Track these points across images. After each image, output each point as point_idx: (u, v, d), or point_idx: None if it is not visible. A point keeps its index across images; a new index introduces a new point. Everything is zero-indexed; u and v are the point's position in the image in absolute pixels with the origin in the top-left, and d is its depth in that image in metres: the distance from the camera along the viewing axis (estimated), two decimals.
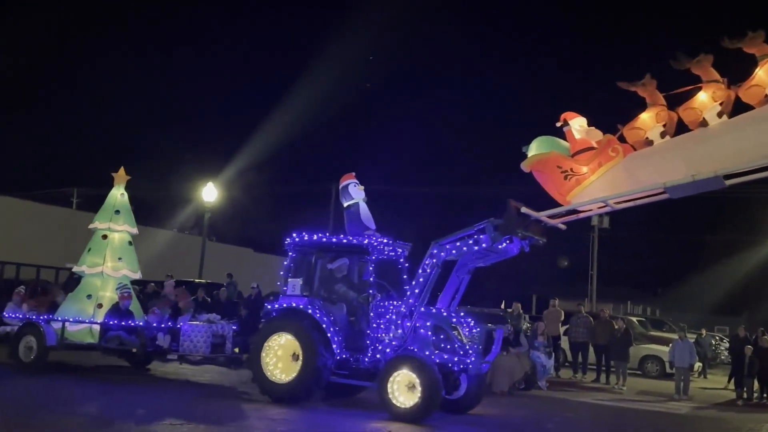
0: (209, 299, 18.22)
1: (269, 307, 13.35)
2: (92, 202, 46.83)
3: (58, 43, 62.81)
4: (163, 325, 14.62)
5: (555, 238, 13.01)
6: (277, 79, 76.96)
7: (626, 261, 54.86)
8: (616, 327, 20.10)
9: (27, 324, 14.89)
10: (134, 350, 14.14)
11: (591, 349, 20.87)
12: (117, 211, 15.89)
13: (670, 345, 20.06)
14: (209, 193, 29.08)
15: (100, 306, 15.22)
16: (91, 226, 15.98)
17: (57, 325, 14.81)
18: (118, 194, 16.15)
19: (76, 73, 65.04)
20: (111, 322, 14.43)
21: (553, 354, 19.03)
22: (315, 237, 13.27)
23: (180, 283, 17.51)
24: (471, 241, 12.11)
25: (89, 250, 15.74)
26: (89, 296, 15.33)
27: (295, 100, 40.83)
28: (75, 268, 15.86)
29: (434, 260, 12.32)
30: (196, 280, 19.38)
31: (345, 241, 13.08)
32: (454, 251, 12.25)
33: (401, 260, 13.58)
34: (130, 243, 16.09)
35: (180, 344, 14.27)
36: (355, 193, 13.66)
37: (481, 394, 12.84)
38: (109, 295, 15.44)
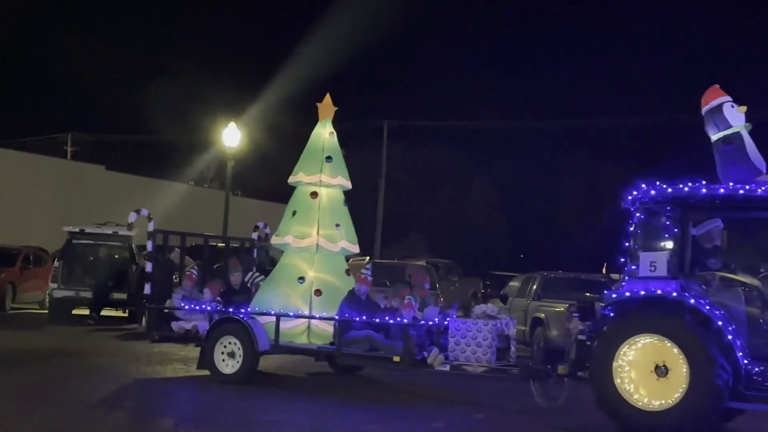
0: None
1: (613, 296, 9.56)
2: (90, 151, 43.10)
3: None
4: (431, 323, 10.89)
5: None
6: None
7: None
8: None
9: (224, 320, 11.29)
10: (396, 359, 10.41)
11: None
12: (328, 158, 12.10)
13: None
14: (232, 137, 24.39)
15: (318, 293, 11.55)
16: (292, 180, 12.22)
17: (265, 321, 11.21)
18: (326, 133, 12.31)
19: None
20: (357, 318, 10.73)
21: None
22: (685, 188, 9.34)
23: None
24: None
25: (294, 213, 12.01)
26: (301, 279, 11.65)
27: (338, 21, 36.35)
28: (274, 240, 12.17)
29: None
30: (219, 245, 15.80)
31: (743, 192, 9.11)
32: None
33: None
34: (345, 203, 12.35)
35: (450, 349, 10.55)
36: (733, 118, 9.67)
37: None
38: (323, 278, 11.78)
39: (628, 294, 9.37)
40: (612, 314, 9.43)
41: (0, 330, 16.69)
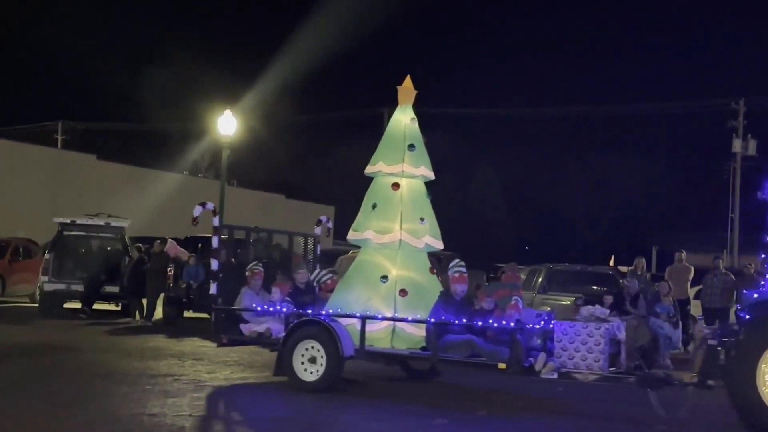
0: (232, 260, 13.60)
1: (754, 297, 8.84)
2: (81, 140, 41.98)
3: None
4: (536, 326, 10.09)
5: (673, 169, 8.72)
6: None
7: None
8: None
9: (304, 323, 10.46)
10: (501, 366, 9.60)
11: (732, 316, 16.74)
12: (411, 146, 11.28)
13: None
14: (227, 125, 23.86)
15: (403, 293, 10.73)
16: (370, 170, 11.38)
17: (348, 323, 10.40)
18: (407, 119, 11.49)
19: None
20: (456, 321, 9.91)
21: (681, 323, 15.68)
22: None
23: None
24: None
25: (374, 207, 11.18)
26: (384, 278, 10.83)
27: (337, 6, 35.50)
28: (351, 235, 11.34)
29: None
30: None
31: None
32: None
33: None
34: (428, 195, 11.54)
35: (556, 355, 9.76)
36: None
37: None
38: (408, 276, 10.97)
39: None
40: (754, 317, 8.70)
41: None
